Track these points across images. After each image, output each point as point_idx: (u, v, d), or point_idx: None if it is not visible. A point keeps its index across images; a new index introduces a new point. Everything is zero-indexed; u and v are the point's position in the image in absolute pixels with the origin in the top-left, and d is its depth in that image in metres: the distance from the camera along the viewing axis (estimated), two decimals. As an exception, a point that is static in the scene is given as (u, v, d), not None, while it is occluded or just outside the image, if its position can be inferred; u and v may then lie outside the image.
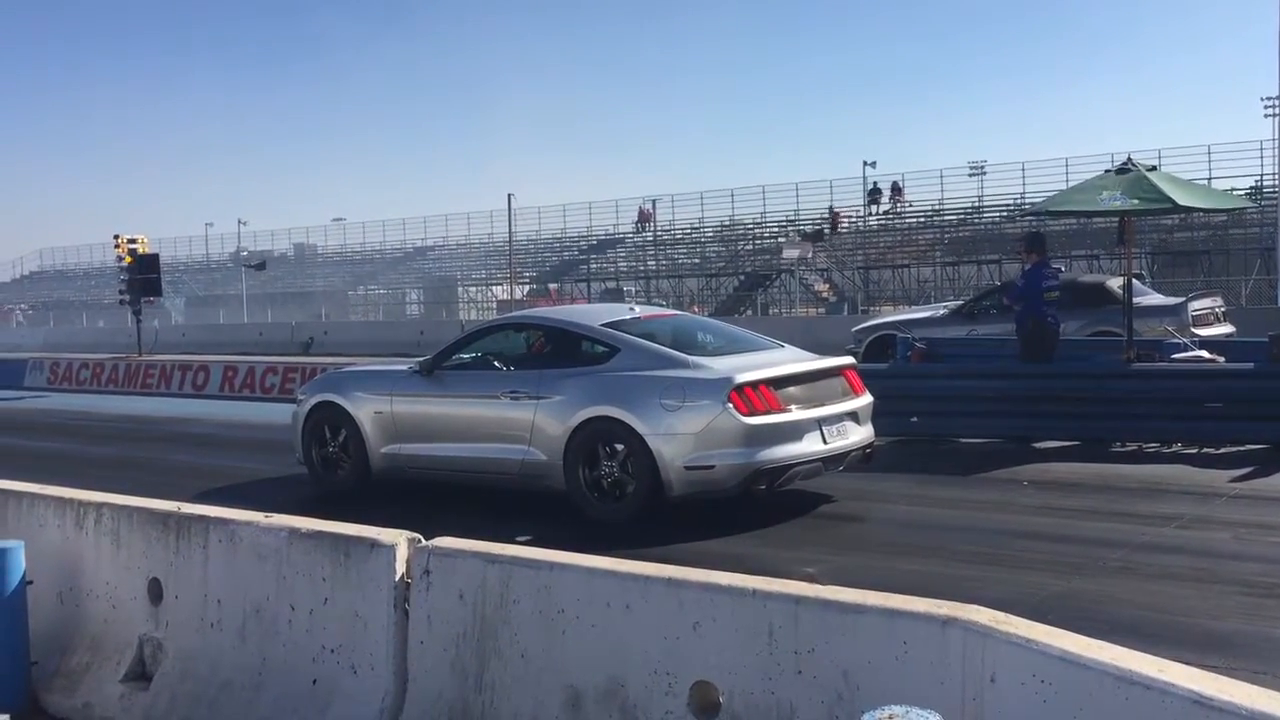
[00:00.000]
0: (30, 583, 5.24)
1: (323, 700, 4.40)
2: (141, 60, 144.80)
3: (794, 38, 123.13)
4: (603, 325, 9.19)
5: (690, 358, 8.60)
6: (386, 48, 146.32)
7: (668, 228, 54.42)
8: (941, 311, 19.66)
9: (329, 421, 9.78)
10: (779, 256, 45.90)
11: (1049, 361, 11.77)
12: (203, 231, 74.39)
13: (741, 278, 47.40)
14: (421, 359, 9.77)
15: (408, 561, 4.35)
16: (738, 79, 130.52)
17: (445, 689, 4.14)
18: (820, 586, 3.69)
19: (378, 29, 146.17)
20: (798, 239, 46.47)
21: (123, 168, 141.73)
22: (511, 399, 8.83)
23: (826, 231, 47.09)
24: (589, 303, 50.43)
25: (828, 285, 46.65)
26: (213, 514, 5.03)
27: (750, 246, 50.25)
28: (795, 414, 8.20)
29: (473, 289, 58.22)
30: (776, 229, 49.90)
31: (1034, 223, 28.44)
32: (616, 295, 48.49)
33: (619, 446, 8.27)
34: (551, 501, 8.72)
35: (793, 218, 49.63)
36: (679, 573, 3.85)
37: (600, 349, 8.93)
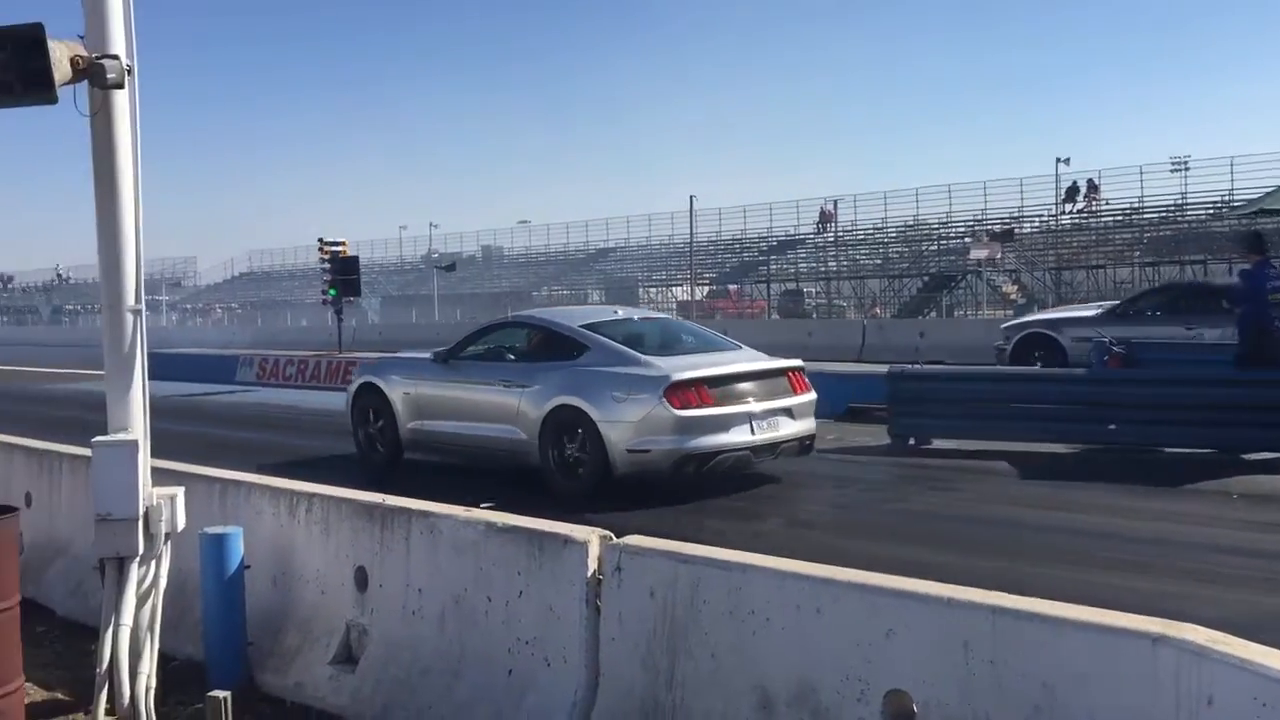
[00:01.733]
0: (248, 567, 5.59)
1: (518, 691, 4.53)
2: (345, 69, 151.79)
3: (986, 31, 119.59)
4: (579, 326, 10.68)
5: (643, 356, 9.94)
6: (570, 53, 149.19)
7: (849, 228, 53.60)
8: (1094, 311, 19.06)
9: (371, 403, 11.67)
10: (965, 257, 44.64)
11: (1275, 368, 11.09)
12: (397, 234, 77.57)
13: (925, 279, 46.27)
14: (438, 349, 11.48)
15: (599, 558, 4.43)
16: (922, 75, 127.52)
17: (636, 684, 4.21)
18: (1019, 598, 3.58)
19: (564, 33, 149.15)
20: (985, 239, 45.07)
21: (325, 173, 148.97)
22: (504, 386, 10.40)
23: (1015, 231, 45.53)
24: (768, 305, 50.23)
25: (1016, 286, 45.09)
26: (415, 506, 5.24)
27: (935, 247, 48.99)
28: (724, 409, 9.40)
29: (653, 290, 58.77)
30: (963, 229, 48.53)
31: (1246, 221, 26.79)
32: (796, 297, 48.16)
33: (579, 431, 9.60)
34: (514, 475, 10.33)
35: (980, 217, 48.18)
36: (870, 578, 3.81)
37: (574, 346, 10.36)
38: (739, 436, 9.47)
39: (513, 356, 10.87)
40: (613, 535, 4.52)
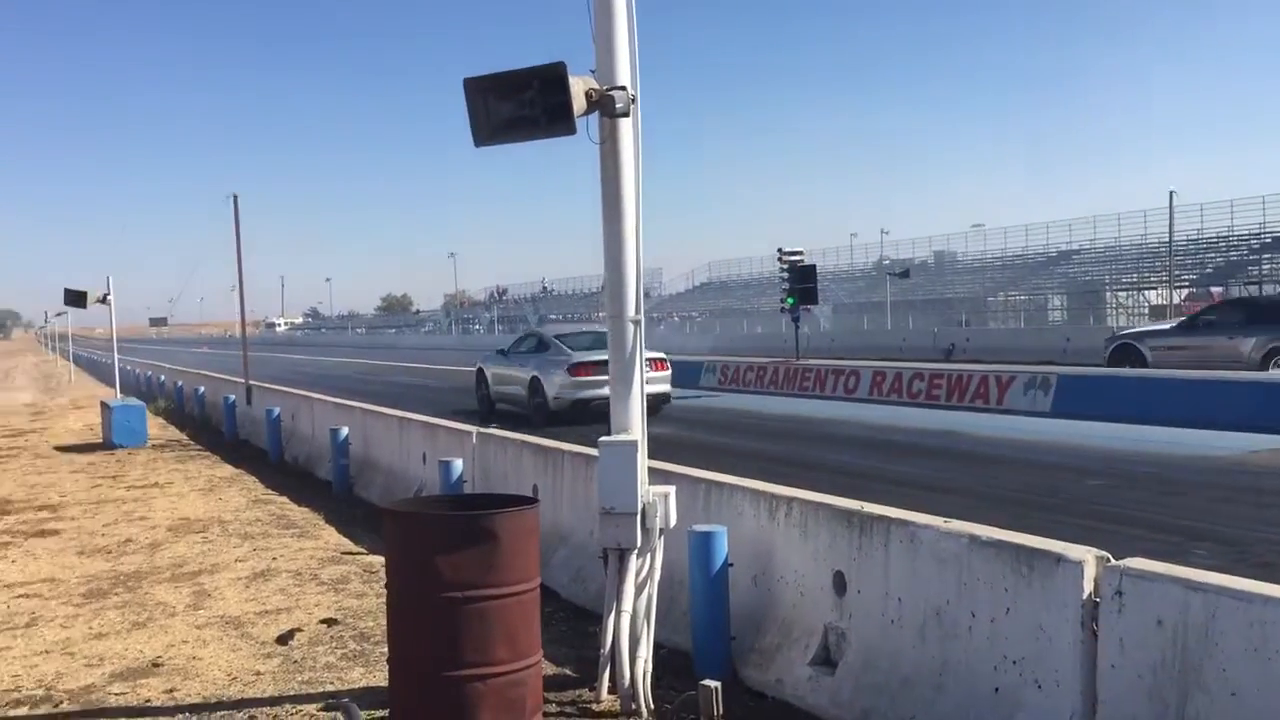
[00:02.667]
0: (731, 565, 5.85)
1: (1005, 711, 4.39)
2: (813, 90, 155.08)
3: None
4: (551, 336, 20.83)
5: (569, 351, 19.20)
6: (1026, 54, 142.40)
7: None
8: (1170, 325, 23.26)
9: (480, 377, 21.99)
10: None
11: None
12: (847, 242, 78.03)
13: None
14: (501, 347, 22.40)
15: (1096, 580, 4.19)
16: None
17: (1140, 717, 3.93)
18: None
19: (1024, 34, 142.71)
20: None
21: (780, 183, 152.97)
22: (519, 367, 20.19)
23: None
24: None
25: None
26: (893, 515, 5.23)
27: None
28: (598, 376, 15.51)
29: (1122, 294, 54.73)
30: None
31: None
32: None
33: (541, 387, 19.02)
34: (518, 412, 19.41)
35: None
36: None
37: (546, 346, 20.22)
38: (589, 392, 17.63)
39: (524, 351, 21.06)
40: (1109, 556, 4.25)
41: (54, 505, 12.47)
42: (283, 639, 6.81)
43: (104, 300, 21.32)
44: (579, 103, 4.86)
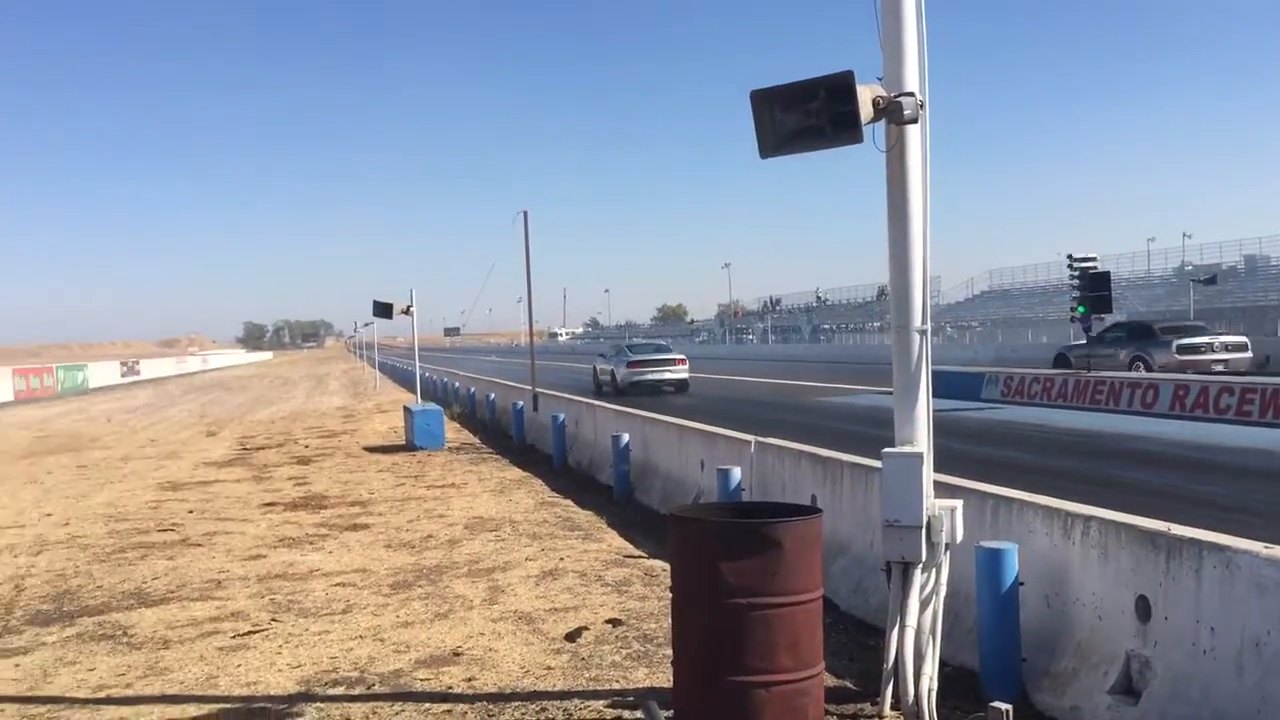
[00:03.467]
0: (1022, 584, 5.62)
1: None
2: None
3: None
4: (624, 345, 41.04)
5: (630, 354, 36.02)
6: None
7: None
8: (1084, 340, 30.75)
9: (594, 370, 38.88)
10: None
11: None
12: (1143, 247, 73.22)
13: None
14: (602, 352, 40.59)
15: None
16: None
17: None
18: None
19: None
20: None
21: (1065, 188, 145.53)
22: (608, 364, 36.81)
23: None
24: None
25: None
26: (1205, 538, 4.87)
27: None
28: (645, 369, 34.25)
29: None
30: None
31: None
32: None
33: (612, 373, 35.65)
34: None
35: None
36: None
37: (620, 350, 37.73)
38: (649, 376, 33.81)
39: (610, 355, 37.67)
40: None
41: (364, 501, 13.50)
42: (571, 636, 7.09)
43: (407, 311, 22.90)
44: (866, 111, 4.82)
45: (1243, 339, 31.38)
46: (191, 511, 13.16)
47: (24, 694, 6.33)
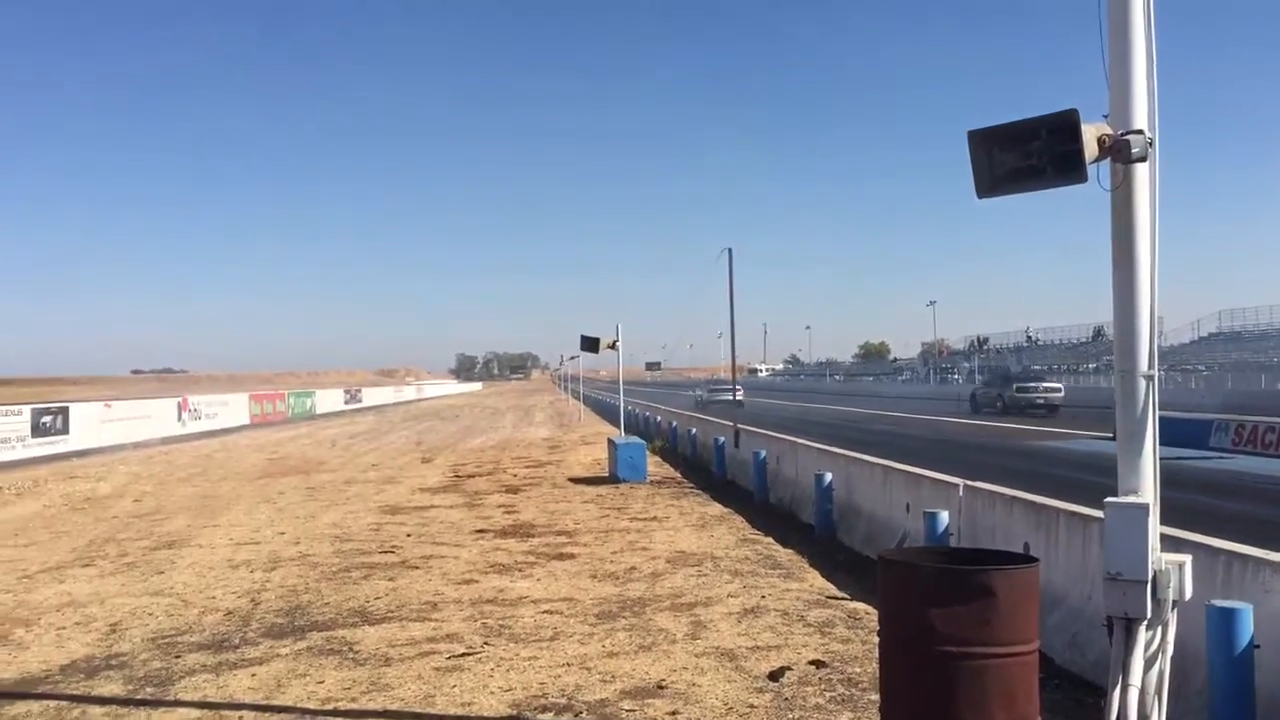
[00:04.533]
0: (1257, 646, 5.30)
1: None
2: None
3: None
4: (705, 381, 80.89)
5: (710, 386, 69.57)
6: None
7: None
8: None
9: (696, 397, 67.14)
10: None
11: None
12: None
13: None
14: (698, 388, 74.55)
15: None
16: None
17: None
18: None
19: None
20: None
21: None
22: (700, 391, 70.24)
23: None
24: None
25: None
26: None
27: None
28: (714, 391, 64.95)
29: None
30: None
31: None
32: None
33: (702, 398, 63.92)
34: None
35: None
36: None
37: (705, 384, 74.24)
38: (716, 398, 59.51)
39: (701, 388, 72.71)
40: None
41: (569, 531, 13.83)
42: (774, 675, 7.08)
43: (613, 346, 23.43)
44: (1090, 150, 4.69)
45: (1058, 384, 52.42)
46: (409, 535, 13.78)
47: (260, 702, 6.78)
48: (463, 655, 7.77)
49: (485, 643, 8.13)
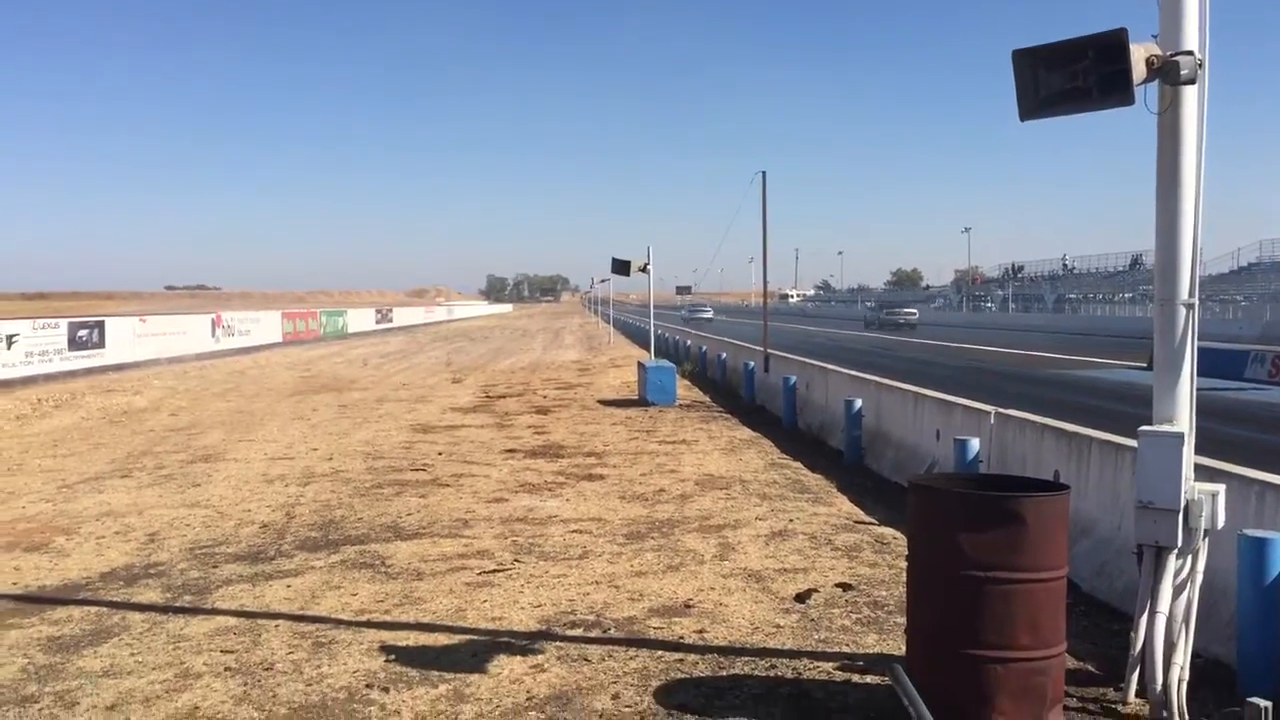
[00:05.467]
0: (1289, 577, 5.27)
1: None
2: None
3: None
4: (689, 302, 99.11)
5: (693, 310, 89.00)
6: None
7: None
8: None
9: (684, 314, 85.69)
10: None
11: None
12: None
13: None
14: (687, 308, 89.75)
15: None
16: None
17: None
18: None
19: None
20: None
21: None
22: (688, 312, 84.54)
23: None
24: None
25: None
26: None
27: None
28: (697, 314, 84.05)
29: None
30: None
31: None
32: None
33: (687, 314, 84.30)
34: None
35: None
36: None
37: (688, 306, 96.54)
38: (696, 315, 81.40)
39: (686, 308, 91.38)
40: None
41: (599, 453, 13.93)
42: (800, 597, 7.14)
43: (644, 269, 23.32)
44: (1138, 71, 4.58)
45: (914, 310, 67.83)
46: (440, 453, 13.93)
47: (295, 612, 6.92)
48: (493, 571, 7.88)
49: (515, 559, 8.24)
